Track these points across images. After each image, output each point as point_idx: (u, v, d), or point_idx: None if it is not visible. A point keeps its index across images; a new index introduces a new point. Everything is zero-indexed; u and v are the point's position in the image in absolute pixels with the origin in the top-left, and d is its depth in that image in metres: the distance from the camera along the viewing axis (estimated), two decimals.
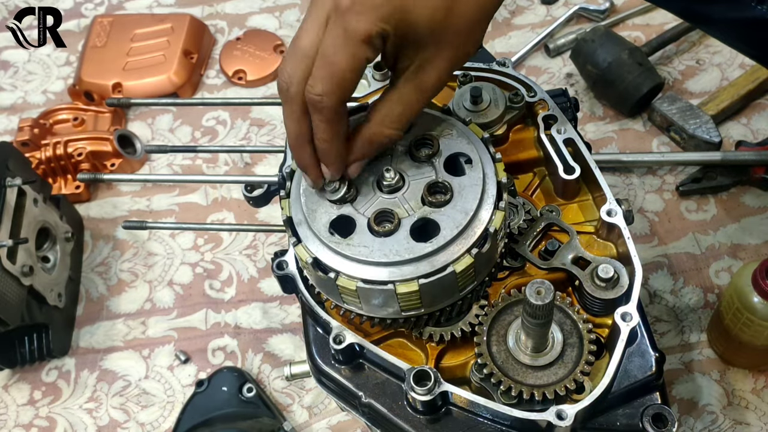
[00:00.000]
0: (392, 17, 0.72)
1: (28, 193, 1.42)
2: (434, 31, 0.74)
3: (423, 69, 0.77)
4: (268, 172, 1.67)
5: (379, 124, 0.79)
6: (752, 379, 1.32)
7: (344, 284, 0.79)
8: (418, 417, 0.85)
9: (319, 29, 0.75)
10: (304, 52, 0.75)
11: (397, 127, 0.79)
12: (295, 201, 0.84)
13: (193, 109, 1.83)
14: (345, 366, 0.90)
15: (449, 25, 0.75)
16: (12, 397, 1.48)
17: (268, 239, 1.60)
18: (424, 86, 0.78)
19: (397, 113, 0.78)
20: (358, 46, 0.72)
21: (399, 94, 0.78)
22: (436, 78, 0.78)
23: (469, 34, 0.78)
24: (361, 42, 0.72)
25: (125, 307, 1.55)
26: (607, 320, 0.86)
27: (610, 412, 0.84)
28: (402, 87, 0.78)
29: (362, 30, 0.71)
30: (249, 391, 1.36)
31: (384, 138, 0.80)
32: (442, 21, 0.74)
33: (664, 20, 1.77)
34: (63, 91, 1.91)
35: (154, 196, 1.70)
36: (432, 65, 0.77)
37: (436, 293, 0.80)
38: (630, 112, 1.64)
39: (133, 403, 1.44)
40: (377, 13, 0.71)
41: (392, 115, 0.78)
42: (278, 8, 2.00)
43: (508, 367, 0.83)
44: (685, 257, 1.46)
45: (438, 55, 0.76)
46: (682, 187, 1.52)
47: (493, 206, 0.80)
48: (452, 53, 0.77)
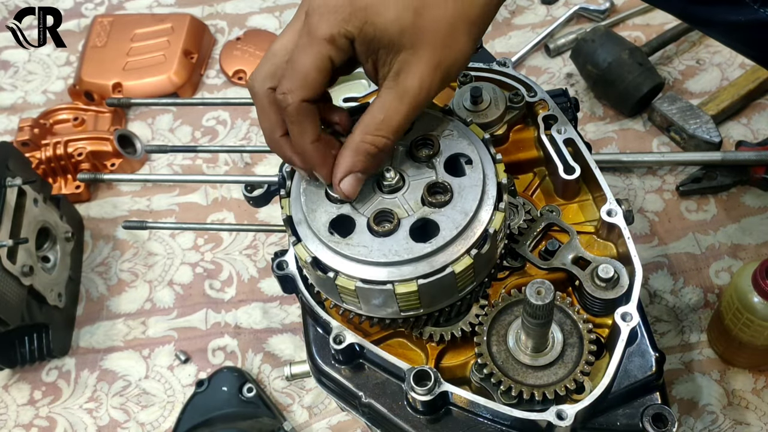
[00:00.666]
0: (355, 19, 0.73)
1: (28, 193, 1.42)
2: (405, 32, 0.74)
3: (402, 73, 0.76)
4: (268, 172, 1.67)
5: (362, 132, 0.78)
6: (752, 379, 1.32)
7: (343, 284, 0.79)
8: (418, 417, 0.85)
9: (292, 34, 0.78)
10: (272, 53, 0.79)
11: (380, 134, 0.78)
12: (295, 200, 0.84)
13: (193, 109, 1.83)
14: (345, 366, 0.90)
15: (421, 27, 0.74)
16: (12, 397, 1.48)
17: (268, 239, 1.60)
18: (405, 91, 0.76)
19: (379, 120, 0.77)
20: (321, 45, 0.74)
21: (381, 101, 0.77)
22: (418, 82, 0.76)
23: (448, 36, 0.76)
24: (323, 41, 0.74)
25: (125, 307, 1.55)
26: (607, 320, 0.87)
27: (610, 412, 0.84)
28: (383, 94, 0.77)
29: (324, 30, 0.73)
30: (249, 391, 1.36)
31: (369, 146, 0.78)
32: (412, 23, 0.74)
33: (664, 20, 1.77)
34: (63, 91, 1.91)
35: (154, 196, 1.70)
36: (411, 69, 0.76)
37: (435, 294, 0.80)
38: (630, 112, 1.64)
39: (133, 403, 1.44)
40: (339, 15, 0.73)
41: (375, 123, 0.77)
42: (278, 8, 2.00)
43: (508, 367, 0.83)
44: (685, 257, 1.46)
45: (416, 58, 0.75)
46: (682, 187, 1.52)
47: (493, 207, 0.80)
48: (431, 55, 0.76)
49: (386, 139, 0.78)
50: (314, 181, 0.83)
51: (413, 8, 0.74)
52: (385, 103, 0.77)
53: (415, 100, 0.77)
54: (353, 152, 0.78)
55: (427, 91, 0.77)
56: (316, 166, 0.80)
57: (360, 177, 0.80)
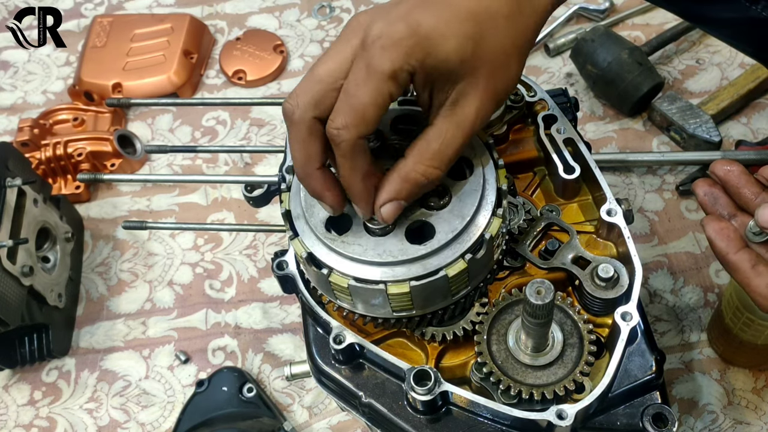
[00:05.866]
0: (418, 51, 0.70)
1: (28, 194, 1.42)
2: (465, 62, 0.72)
3: (459, 103, 0.74)
4: (268, 172, 1.67)
5: (415, 161, 0.75)
6: (752, 378, 1.32)
7: (336, 281, 0.79)
8: (419, 417, 0.85)
9: (341, 61, 0.73)
10: (317, 79, 0.74)
11: (434, 165, 0.75)
12: (295, 195, 0.84)
13: (193, 109, 1.83)
14: (345, 366, 0.90)
15: (480, 57, 0.73)
16: (12, 398, 1.48)
17: (268, 239, 1.60)
18: (462, 121, 0.75)
19: (434, 150, 0.75)
20: (382, 81, 0.70)
21: (437, 130, 0.75)
22: (475, 112, 0.75)
23: (503, 66, 0.76)
24: (386, 77, 0.70)
25: (125, 307, 1.55)
26: (607, 320, 0.87)
27: (610, 411, 0.84)
28: (439, 123, 0.75)
29: (387, 66, 0.70)
30: (249, 391, 1.36)
31: (420, 176, 0.75)
32: (472, 52, 0.72)
33: (664, 20, 1.77)
34: (63, 91, 1.91)
35: (154, 196, 1.70)
36: (468, 98, 0.74)
37: (428, 296, 0.80)
38: (630, 111, 1.64)
39: (134, 403, 1.44)
40: (402, 48, 0.70)
41: (429, 152, 0.75)
42: (278, 8, 2.00)
43: (507, 367, 0.83)
44: (685, 257, 1.46)
45: (473, 87, 0.74)
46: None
47: (491, 212, 0.80)
48: (488, 83, 0.75)
49: (439, 171, 0.76)
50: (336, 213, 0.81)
51: (473, 38, 0.72)
52: (441, 131, 0.75)
53: (471, 129, 0.76)
54: (402, 180, 0.76)
55: (482, 119, 0.76)
56: (360, 200, 0.77)
57: (403, 205, 0.77)
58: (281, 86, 1.85)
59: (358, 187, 0.76)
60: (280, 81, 1.86)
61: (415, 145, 0.76)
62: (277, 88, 1.85)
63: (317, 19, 1.96)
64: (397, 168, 0.76)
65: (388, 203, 0.76)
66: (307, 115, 0.74)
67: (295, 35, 1.93)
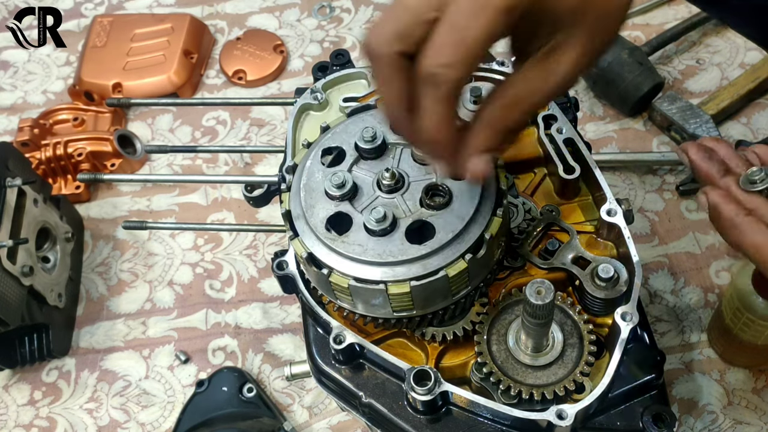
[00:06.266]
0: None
1: (28, 194, 1.42)
2: (575, 11, 0.65)
3: (555, 53, 0.66)
4: (268, 172, 1.67)
5: (501, 106, 0.68)
6: (752, 378, 1.32)
7: (336, 281, 0.79)
8: (419, 417, 0.85)
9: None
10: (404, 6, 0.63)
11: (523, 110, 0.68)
12: (295, 195, 0.84)
13: (193, 109, 1.83)
14: (345, 366, 0.90)
15: (588, 8, 0.65)
16: (12, 398, 1.48)
17: (268, 239, 1.60)
18: (552, 71, 0.67)
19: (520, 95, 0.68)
20: (498, 14, 0.61)
21: (524, 75, 0.68)
22: (566, 66, 0.67)
23: (607, 22, 0.68)
24: (501, 10, 0.61)
25: (125, 307, 1.55)
26: (607, 320, 0.87)
27: (610, 411, 0.84)
28: (528, 70, 0.68)
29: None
30: (249, 391, 1.36)
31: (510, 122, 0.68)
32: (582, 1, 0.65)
33: (664, 20, 1.77)
34: (63, 91, 1.91)
35: (154, 196, 1.70)
36: (564, 50, 0.66)
37: (429, 296, 0.80)
38: (630, 111, 1.64)
39: (134, 403, 1.44)
40: None
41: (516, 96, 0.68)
42: (278, 8, 2.00)
43: (507, 367, 0.83)
44: (685, 257, 1.46)
45: (572, 40, 0.66)
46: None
47: (491, 212, 0.80)
48: (587, 40, 0.67)
49: (526, 116, 0.69)
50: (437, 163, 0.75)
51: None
52: (528, 77, 0.68)
53: (557, 86, 0.68)
54: (489, 128, 0.69)
55: (571, 79, 0.68)
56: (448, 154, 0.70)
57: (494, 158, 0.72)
58: (281, 86, 1.85)
59: (449, 138, 0.68)
60: (281, 81, 1.86)
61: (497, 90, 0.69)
62: (277, 88, 1.85)
63: (317, 19, 1.96)
64: (479, 117, 0.69)
65: (476, 157, 0.69)
66: (391, 49, 0.64)
67: (296, 35, 1.93)
